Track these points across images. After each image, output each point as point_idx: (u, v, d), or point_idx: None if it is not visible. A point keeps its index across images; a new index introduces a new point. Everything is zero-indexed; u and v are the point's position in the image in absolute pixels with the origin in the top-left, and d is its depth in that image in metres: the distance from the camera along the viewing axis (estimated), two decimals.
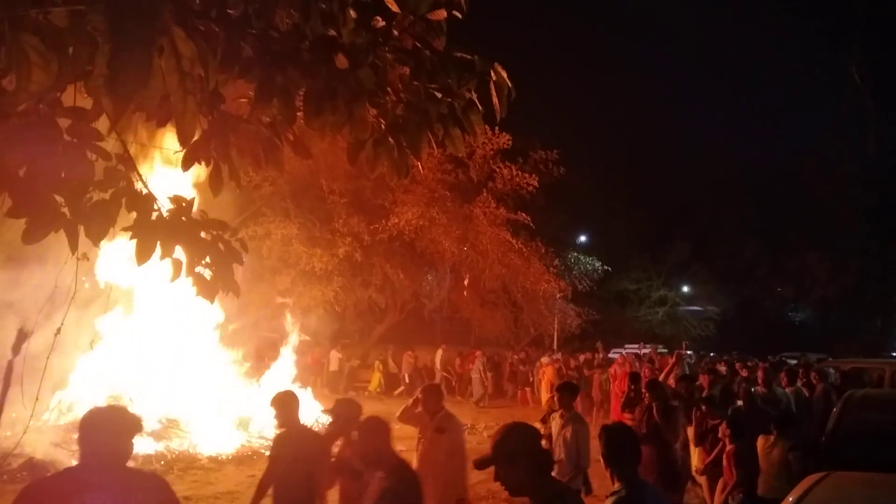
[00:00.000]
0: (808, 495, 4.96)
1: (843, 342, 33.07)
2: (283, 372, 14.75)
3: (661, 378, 8.56)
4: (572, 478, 5.98)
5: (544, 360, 18.58)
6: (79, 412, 11.24)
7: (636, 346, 27.59)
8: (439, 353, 22.34)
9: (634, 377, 8.97)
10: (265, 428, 11.93)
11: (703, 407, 7.42)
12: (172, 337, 12.39)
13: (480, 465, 2.71)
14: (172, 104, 1.73)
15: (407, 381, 21.56)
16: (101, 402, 11.27)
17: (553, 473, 5.21)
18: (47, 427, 10.44)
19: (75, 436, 3.31)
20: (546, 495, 2.62)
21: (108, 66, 1.47)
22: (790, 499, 4.96)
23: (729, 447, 6.56)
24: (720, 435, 6.76)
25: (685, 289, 38.41)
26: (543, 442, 6.18)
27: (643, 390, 7.52)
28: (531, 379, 19.90)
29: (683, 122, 57.54)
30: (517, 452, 2.64)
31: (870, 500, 4.88)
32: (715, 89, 61.15)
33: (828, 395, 10.12)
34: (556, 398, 6.54)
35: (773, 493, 5.95)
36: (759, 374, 9.92)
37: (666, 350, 25.49)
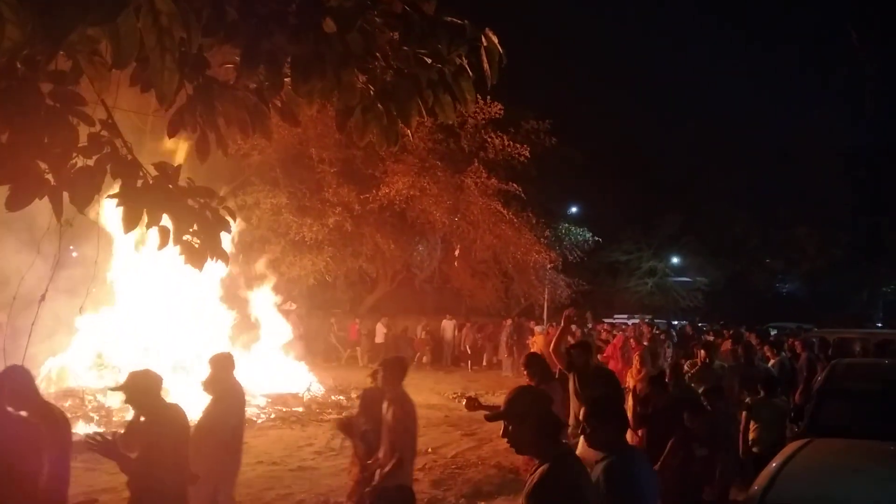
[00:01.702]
0: (791, 461, 5.06)
1: (830, 313, 33.45)
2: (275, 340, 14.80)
3: (552, 345, 6.81)
4: (389, 470, 4.79)
5: (537, 329, 18.61)
6: (69, 380, 11.29)
7: (625, 316, 27.79)
8: (450, 323, 22.35)
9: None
10: (256, 396, 12.00)
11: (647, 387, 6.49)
12: (164, 305, 12.38)
13: (491, 418, 2.87)
14: (150, 62, 1.69)
15: (468, 352, 21.58)
16: (88, 369, 11.35)
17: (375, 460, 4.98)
18: None
19: (67, 403, 3.45)
20: (549, 456, 2.70)
21: None
22: (773, 464, 5.07)
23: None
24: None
25: (675, 260, 38.61)
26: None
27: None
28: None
29: (676, 94, 57.26)
30: (527, 413, 2.74)
31: (851, 466, 4.98)
32: (708, 64, 60.74)
33: (811, 364, 10.30)
34: (379, 374, 5.20)
35: (765, 448, 6.48)
36: (740, 349, 9.37)
37: (663, 321, 25.69)
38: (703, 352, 8.78)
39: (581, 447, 3.80)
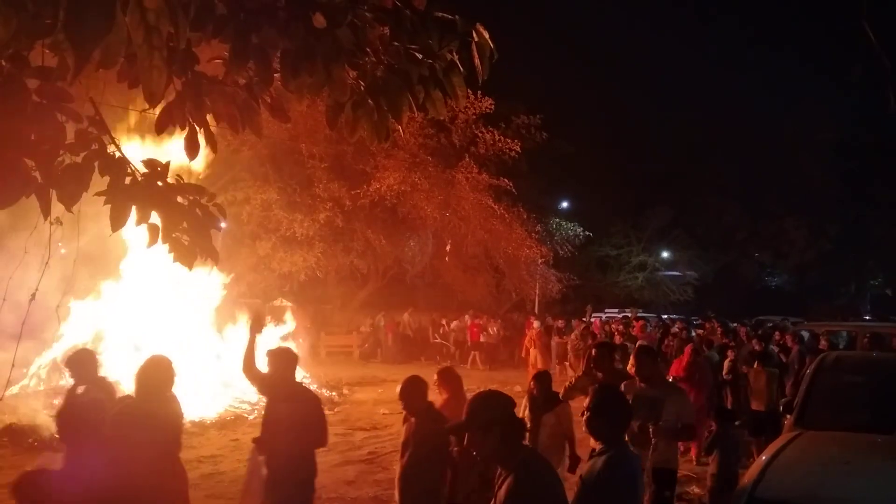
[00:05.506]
0: (781, 454, 5.09)
1: (818, 306, 33.65)
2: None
3: (243, 362, 5.37)
4: None
5: (536, 324, 18.36)
6: (58, 378, 11.19)
7: (615, 310, 27.83)
8: (466, 318, 21.75)
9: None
10: (247, 392, 11.96)
11: None
12: (157, 303, 12.29)
13: (455, 430, 2.74)
14: (138, 60, 1.67)
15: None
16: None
17: None
18: (27, 392, 10.42)
19: (55, 401, 3.49)
20: (513, 463, 2.63)
21: (67, 12, 1.42)
22: (763, 457, 5.09)
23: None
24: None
25: (665, 254, 38.72)
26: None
27: None
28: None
29: (666, 88, 57.38)
30: (491, 421, 2.64)
31: (841, 459, 5.01)
32: (698, 56, 60.89)
33: (802, 358, 10.36)
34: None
35: (765, 406, 8.19)
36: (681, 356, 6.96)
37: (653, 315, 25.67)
38: (594, 351, 6.11)
39: None
